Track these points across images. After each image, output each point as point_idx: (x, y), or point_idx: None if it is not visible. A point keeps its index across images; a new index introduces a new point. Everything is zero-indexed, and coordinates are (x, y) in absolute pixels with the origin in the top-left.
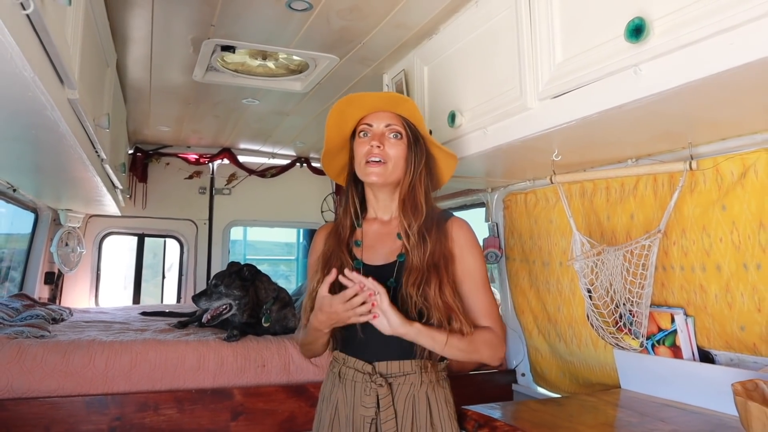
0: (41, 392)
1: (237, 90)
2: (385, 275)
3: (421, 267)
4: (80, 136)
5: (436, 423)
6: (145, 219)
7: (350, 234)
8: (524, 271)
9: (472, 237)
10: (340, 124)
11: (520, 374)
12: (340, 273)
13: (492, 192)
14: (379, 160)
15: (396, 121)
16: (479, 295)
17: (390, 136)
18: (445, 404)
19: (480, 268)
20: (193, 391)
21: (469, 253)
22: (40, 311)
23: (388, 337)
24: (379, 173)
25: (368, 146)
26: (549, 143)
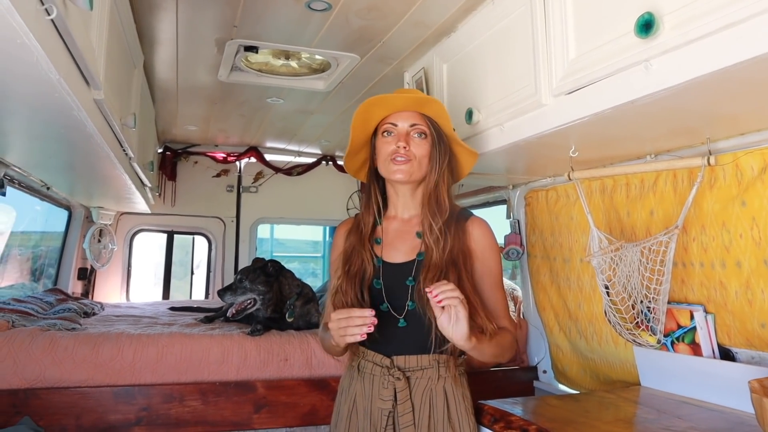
0: (72, 382)
1: (261, 89)
2: (404, 273)
3: (440, 263)
4: (107, 135)
5: (453, 417)
6: (174, 216)
7: (371, 231)
8: (545, 268)
9: (491, 236)
10: (365, 123)
11: (541, 371)
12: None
13: (513, 189)
14: (405, 158)
15: (421, 120)
16: (497, 295)
17: (415, 136)
18: (462, 399)
19: (498, 268)
20: (217, 384)
21: (489, 252)
22: (73, 305)
23: (407, 332)
24: (405, 171)
25: (394, 146)
26: (565, 139)
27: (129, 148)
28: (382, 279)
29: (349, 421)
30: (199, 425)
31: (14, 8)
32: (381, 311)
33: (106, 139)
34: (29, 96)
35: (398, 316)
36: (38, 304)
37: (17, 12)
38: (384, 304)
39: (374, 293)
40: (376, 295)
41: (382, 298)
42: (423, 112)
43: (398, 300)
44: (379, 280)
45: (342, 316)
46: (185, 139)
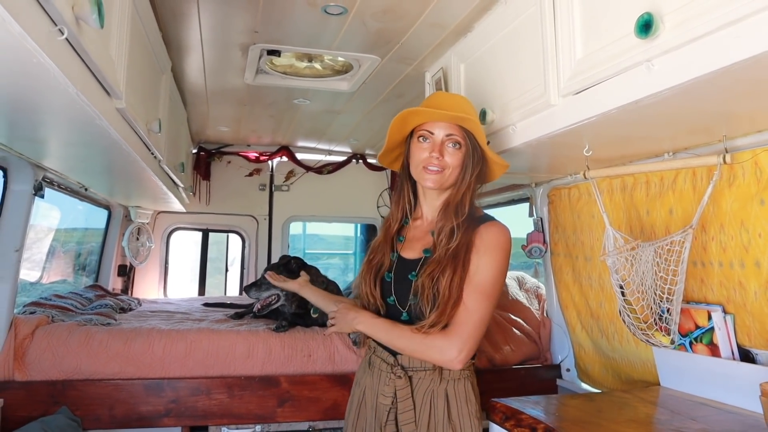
0: (105, 375)
1: (287, 91)
2: (411, 269)
3: (441, 260)
4: (132, 140)
5: (454, 419)
6: (208, 215)
7: (399, 228)
8: (568, 266)
9: (494, 241)
10: (402, 128)
11: (565, 370)
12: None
13: (536, 187)
14: (437, 168)
15: (456, 131)
16: (469, 296)
17: (449, 146)
18: (465, 402)
19: (486, 271)
20: (242, 378)
21: (482, 255)
22: (110, 301)
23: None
24: (436, 180)
25: (427, 154)
26: (578, 138)
27: (157, 151)
28: (393, 273)
29: (359, 411)
30: (225, 418)
31: (26, 33)
32: (388, 303)
33: (131, 144)
34: (55, 108)
35: (402, 309)
36: (78, 300)
37: (29, 36)
38: (391, 297)
39: (385, 286)
40: (386, 287)
41: (390, 291)
42: (460, 124)
43: (404, 295)
44: (390, 273)
45: None
46: (218, 140)
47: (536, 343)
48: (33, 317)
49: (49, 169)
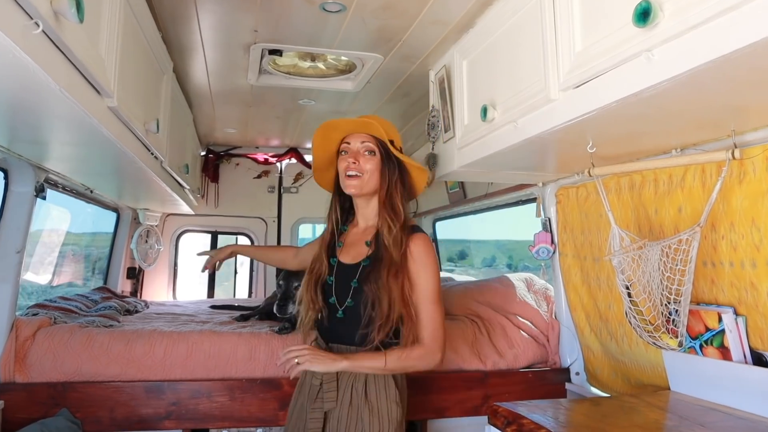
0: (106, 377)
1: (292, 91)
2: (350, 275)
3: (396, 261)
4: (127, 139)
5: (371, 399)
6: (217, 217)
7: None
8: (576, 267)
9: (426, 252)
10: (325, 145)
11: (574, 373)
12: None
13: (544, 186)
14: (355, 173)
15: (370, 139)
16: (424, 308)
17: (365, 153)
18: (384, 387)
19: (430, 282)
20: (244, 381)
21: (420, 267)
22: (114, 303)
23: (343, 324)
24: (355, 185)
25: (346, 162)
26: (581, 135)
27: (157, 152)
28: (334, 276)
29: (300, 389)
30: (226, 420)
31: None
32: (329, 304)
33: (126, 143)
34: (45, 107)
35: (339, 307)
36: (83, 302)
37: (1, 30)
38: (332, 297)
39: (327, 288)
40: (328, 289)
41: (331, 293)
42: (367, 132)
43: (343, 296)
44: (332, 277)
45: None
46: (226, 142)
47: (544, 346)
48: (35, 319)
49: (51, 170)
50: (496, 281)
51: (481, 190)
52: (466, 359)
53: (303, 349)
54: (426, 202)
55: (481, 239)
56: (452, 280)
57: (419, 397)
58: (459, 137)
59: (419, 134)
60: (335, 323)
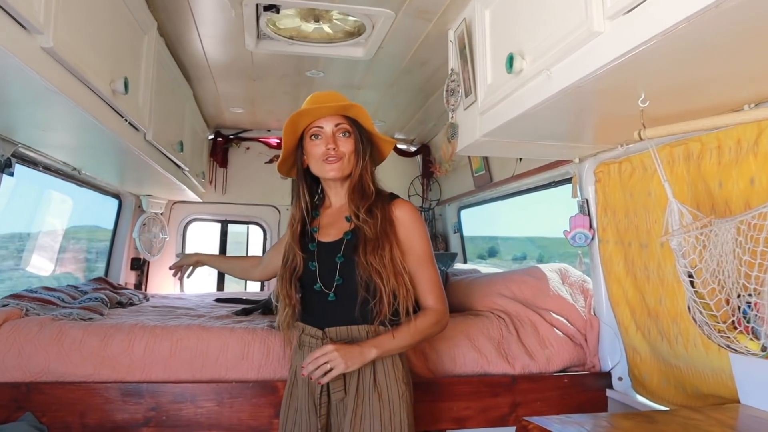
0: (77, 377)
1: (297, 60)
2: (334, 251)
3: (375, 235)
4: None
5: (380, 383)
6: (227, 205)
7: (303, 226)
8: (619, 255)
9: (413, 215)
10: (294, 131)
11: (616, 378)
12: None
13: (580, 163)
14: (336, 158)
15: (343, 120)
16: (422, 271)
17: (340, 135)
18: (392, 367)
19: (422, 244)
20: (234, 383)
21: (410, 231)
22: (102, 294)
23: (336, 305)
24: (337, 169)
25: (324, 148)
26: (631, 83)
27: (133, 119)
28: (317, 260)
29: (291, 392)
30: (213, 429)
31: None
32: (314, 291)
33: (77, 98)
34: None
35: (328, 291)
36: (69, 293)
37: None
38: (317, 284)
39: (309, 275)
40: (311, 276)
41: (315, 279)
42: (345, 114)
43: (329, 276)
44: (314, 263)
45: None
46: (235, 124)
47: (581, 346)
48: (1, 310)
49: (20, 143)
50: (525, 272)
51: (508, 171)
52: (491, 361)
53: (331, 352)
54: (450, 188)
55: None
56: (478, 272)
57: (435, 404)
58: (481, 100)
59: (440, 113)
60: (328, 308)
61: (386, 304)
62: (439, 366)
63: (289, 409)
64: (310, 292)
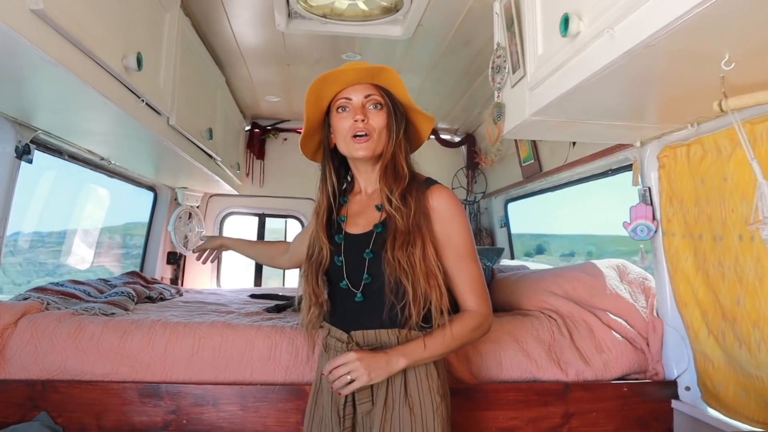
0: (95, 375)
1: (332, 42)
2: (362, 245)
3: (406, 228)
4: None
5: (412, 395)
6: (264, 198)
7: (330, 213)
8: (688, 250)
9: (452, 204)
10: (318, 102)
11: (683, 388)
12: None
13: (642, 147)
14: (365, 134)
15: (374, 90)
16: (462, 268)
17: (370, 107)
18: (425, 377)
19: (463, 237)
20: (259, 386)
21: (449, 223)
22: (129, 288)
23: (364, 306)
24: (367, 147)
25: (351, 121)
26: (713, 40)
27: (151, 100)
28: (344, 254)
29: (315, 399)
30: None
31: None
32: (341, 288)
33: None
34: None
35: (356, 291)
36: (97, 287)
37: None
38: (344, 281)
39: (335, 271)
40: (337, 272)
41: (342, 276)
42: (376, 83)
43: (357, 273)
44: (340, 257)
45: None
46: (272, 114)
47: (643, 351)
48: (19, 304)
49: (40, 129)
50: (579, 268)
51: (559, 159)
52: (541, 366)
53: (353, 361)
54: (496, 180)
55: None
56: (526, 268)
57: (478, 412)
58: (531, 74)
59: (487, 99)
60: (355, 309)
61: (414, 310)
62: (483, 370)
63: (313, 417)
64: (336, 289)
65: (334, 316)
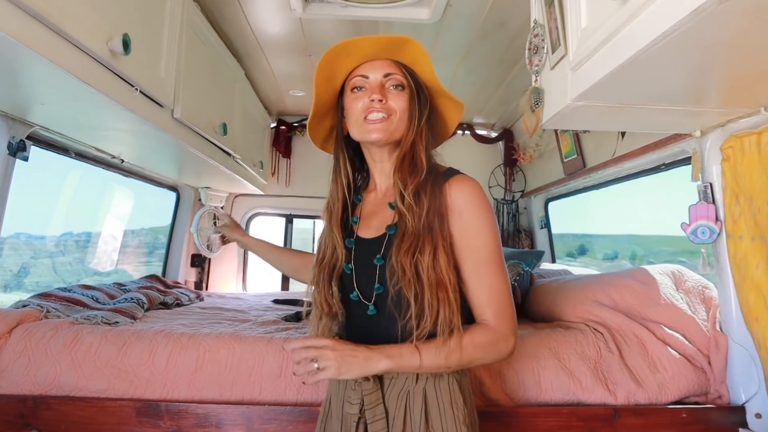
0: (90, 391)
1: (353, 28)
2: (373, 251)
3: (416, 230)
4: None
5: (435, 426)
6: (291, 198)
7: (345, 209)
8: (758, 255)
9: (475, 198)
10: (330, 79)
11: (752, 414)
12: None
13: (703, 136)
14: (383, 115)
15: (396, 69)
16: (480, 277)
17: (390, 88)
18: (450, 405)
19: (484, 239)
20: (268, 406)
21: (469, 220)
22: (140, 294)
23: (377, 321)
24: (382, 129)
25: (367, 100)
26: None
27: (147, 88)
28: (353, 261)
29: (324, 425)
30: None
31: None
32: (351, 301)
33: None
34: None
35: (367, 302)
36: (108, 292)
37: None
38: (353, 292)
39: (345, 280)
40: (347, 281)
41: (352, 285)
42: (398, 59)
43: (368, 283)
44: (349, 264)
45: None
46: (298, 110)
47: (704, 370)
48: (15, 312)
49: (37, 124)
50: (628, 275)
51: (605, 154)
52: (586, 387)
53: (324, 346)
54: (536, 177)
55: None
56: (568, 273)
57: None
58: (573, 51)
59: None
60: (368, 323)
61: (416, 325)
62: (520, 390)
63: None
64: (347, 300)
65: (346, 329)
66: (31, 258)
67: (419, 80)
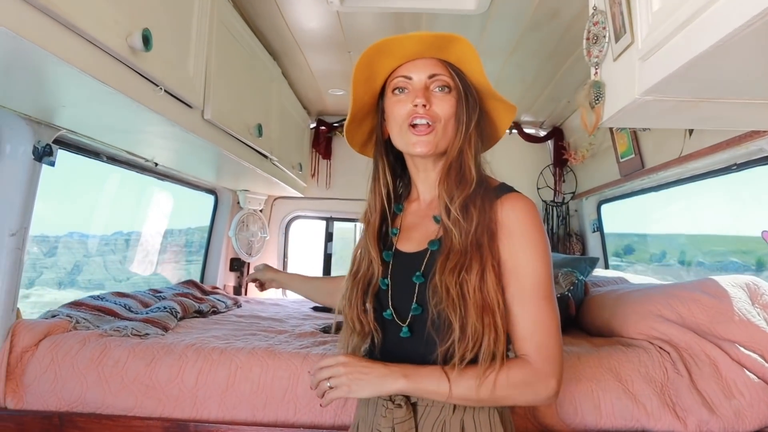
0: (116, 409)
1: (394, 23)
2: (413, 267)
3: (463, 247)
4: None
5: None
6: (332, 201)
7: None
8: None
9: (528, 219)
10: (369, 80)
11: None
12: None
13: None
14: (427, 122)
15: (442, 69)
16: (526, 308)
17: (436, 90)
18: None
19: (534, 266)
20: (304, 428)
21: (519, 242)
22: (174, 303)
23: (412, 344)
24: (428, 142)
25: (410, 105)
26: None
27: (174, 88)
28: (390, 277)
29: None
30: None
31: None
32: (384, 320)
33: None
34: None
35: (402, 324)
36: (143, 300)
37: None
38: (387, 310)
39: (381, 296)
40: (382, 298)
41: (387, 303)
42: (444, 58)
43: (404, 302)
44: (386, 279)
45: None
46: (338, 110)
47: None
48: (42, 323)
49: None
50: (696, 287)
51: (667, 153)
52: (652, 413)
53: (337, 365)
54: (588, 178)
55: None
56: (624, 281)
57: None
58: (642, 38)
59: (577, 85)
60: (401, 347)
61: (459, 353)
62: (577, 416)
63: None
64: (380, 318)
65: (381, 352)
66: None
67: (467, 81)
